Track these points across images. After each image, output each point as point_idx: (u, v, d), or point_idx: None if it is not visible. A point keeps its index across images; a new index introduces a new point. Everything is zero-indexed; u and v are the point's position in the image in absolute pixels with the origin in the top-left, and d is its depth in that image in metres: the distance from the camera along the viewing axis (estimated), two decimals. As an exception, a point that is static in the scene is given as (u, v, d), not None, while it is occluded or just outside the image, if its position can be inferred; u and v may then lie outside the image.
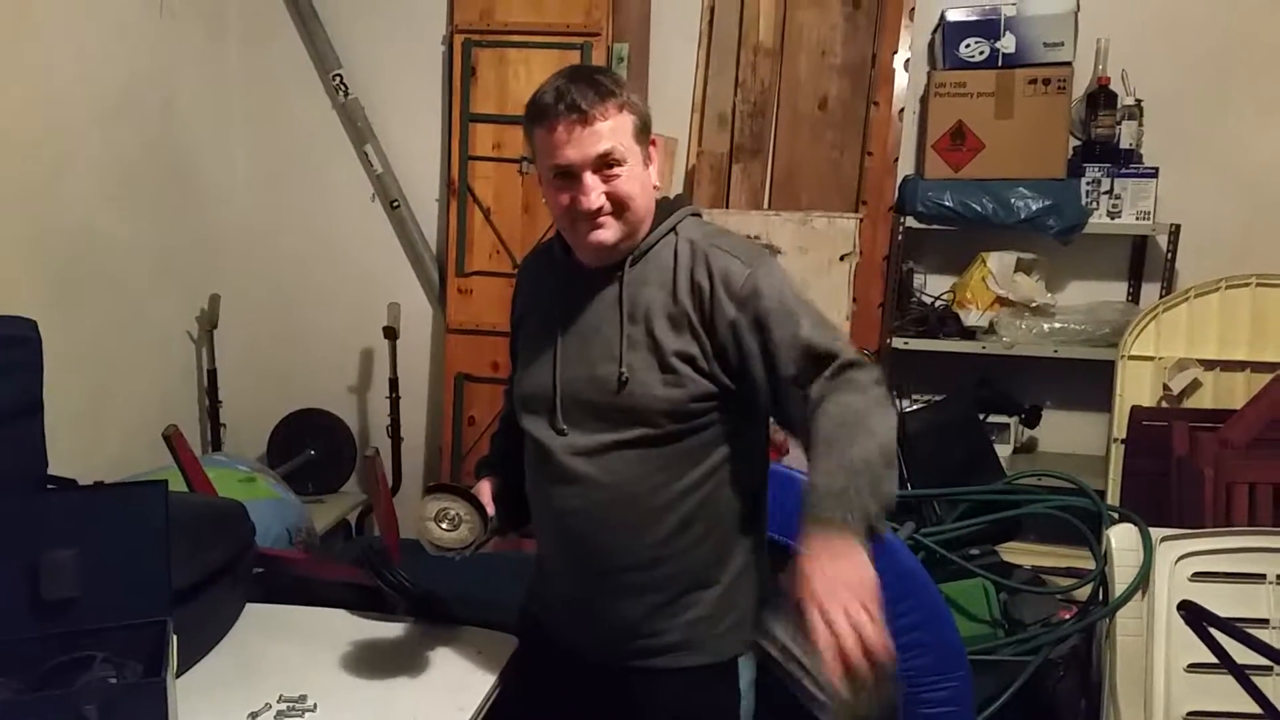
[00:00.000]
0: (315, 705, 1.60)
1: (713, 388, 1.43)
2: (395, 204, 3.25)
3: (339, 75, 3.21)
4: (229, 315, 3.17)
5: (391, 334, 3.13)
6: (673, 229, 1.49)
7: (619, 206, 1.42)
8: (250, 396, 3.32)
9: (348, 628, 1.90)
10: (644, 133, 1.45)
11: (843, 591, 1.10)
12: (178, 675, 1.58)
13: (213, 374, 3.15)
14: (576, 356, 1.49)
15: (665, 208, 1.51)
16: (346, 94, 3.22)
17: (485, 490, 1.63)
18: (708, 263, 1.44)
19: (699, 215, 1.55)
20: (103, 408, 2.72)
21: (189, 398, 3.19)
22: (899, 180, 3.02)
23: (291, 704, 1.60)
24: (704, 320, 1.42)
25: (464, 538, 1.51)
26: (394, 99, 3.26)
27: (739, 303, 1.40)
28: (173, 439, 2.17)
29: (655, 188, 1.49)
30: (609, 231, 1.43)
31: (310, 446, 3.23)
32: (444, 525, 1.51)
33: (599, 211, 1.41)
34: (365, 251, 3.34)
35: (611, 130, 1.40)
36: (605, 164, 1.40)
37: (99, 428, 2.70)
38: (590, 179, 1.40)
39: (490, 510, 1.56)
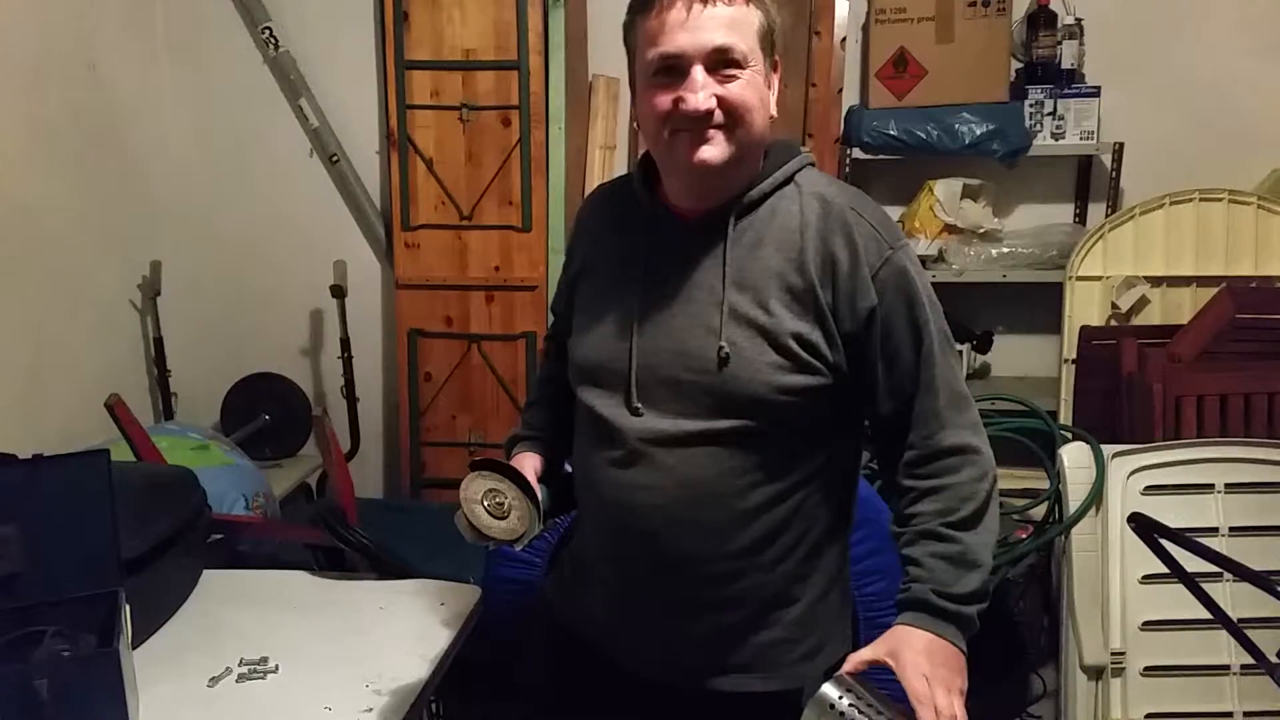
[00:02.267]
0: (277, 666, 1.60)
1: (831, 380, 1.21)
2: (334, 158, 3.17)
3: (268, 28, 3.11)
4: (172, 281, 3.10)
5: (339, 292, 3.08)
6: (791, 179, 1.25)
7: (732, 118, 1.17)
8: (200, 363, 3.26)
9: (308, 589, 1.90)
10: (770, 42, 1.21)
11: (953, 680, 1.14)
12: (135, 645, 1.57)
13: (159, 342, 3.09)
14: (661, 324, 1.25)
15: (779, 152, 1.27)
16: (277, 47, 3.12)
17: (528, 469, 1.38)
18: (848, 232, 1.20)
19: (815, 165, 1.31)
20: (46, 383, 2.66)
21: (137, 368, 3.13)
22: (844, 111, 2.99)
23: (252, 666, 1.60)
24: (835, 302, 1.20)
25: (512, 529, 1.27)
26: (326, 50, 3.16)
27: (876, 288, 1.20)
28: (115, 408, 2.13)
29: (771, 119, 1.24)
30: (716, 148, 1.18)
31: (264, 411, 3.18)
32: (490, 509, 1.27)
33: (707, 118, 1.16)
34: (307, 209, 3.26)
35: (734, 21, 1.16)
36: (722, 61, 1.16)
37: (43, 403, 2.64)
38: (701, 74, 1.16)
39: (540, 495, 1.35)
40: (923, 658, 1.13)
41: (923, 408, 1.23)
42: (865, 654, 1.17)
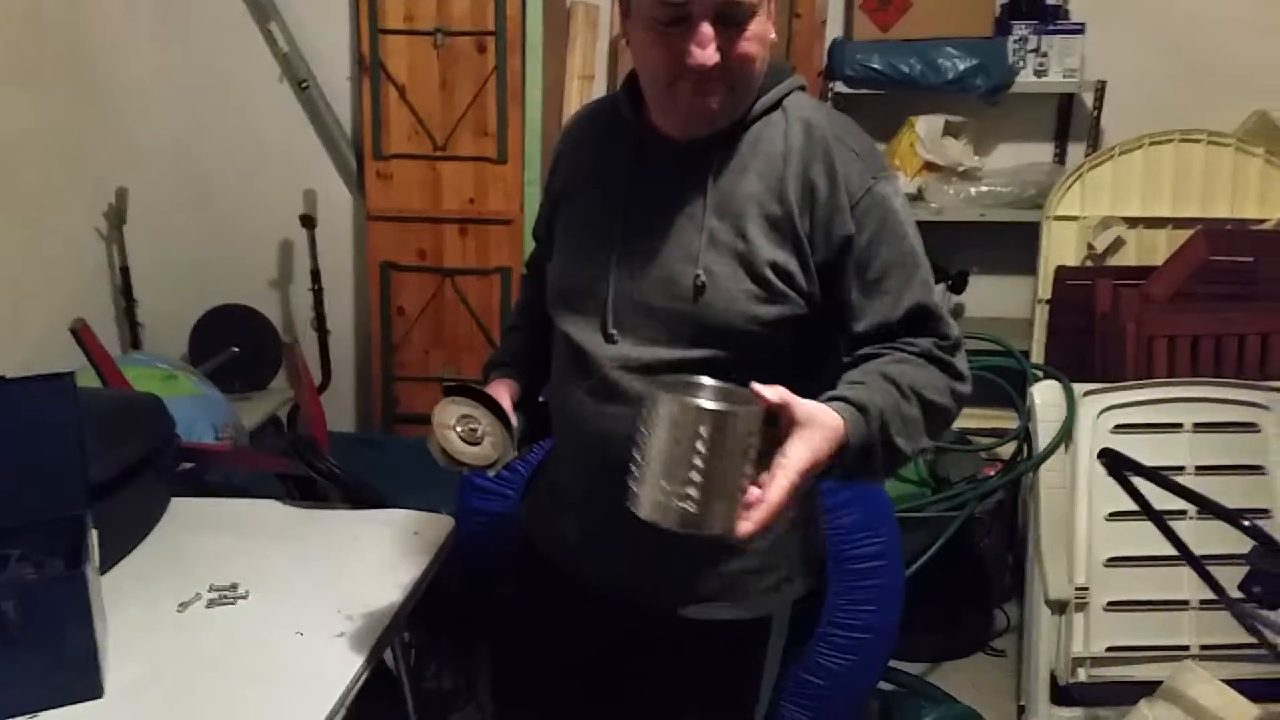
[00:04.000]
0: (247, 593, 1.59)
1: (806, 309, 1.18)
2: (304, 84, 3.09)
3: (236, -52, 3.02)
4: (138, 210, 3.03)
5: (309, 223, 3.02)
6: (779, 104, 1.21)
7: (736, 72, 1.14)
8: (167, 294, 3.20)
9: (279, 517, 1.88)
10: None
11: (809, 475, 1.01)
12: (103, 571, 1.56)
13: (125, 271, 3.03)
14: (641, 249, 1.21)
15: (769, 75, 1.22)
16: (245, -33, 3.03)
17: (504, 395, 1.35)
18: (829, 158, 1.16)
19: (804, 88, 1.26)
20: (9, 312, 2.60)
21: (103, 298, 3.07)
22: (827, 44, 2.95)
23: (222, 593, 1.59)
24: (812, 229, 1.16)
25: (485, 455, 1.26)
26: (296, -30, 3.08)
27: (855, 218, 1.15)
28: (80, 333, 2.09)
29: (773, 43, 1.20)
30: (717, 99, 1.15)
31: (234, 343, 3.13)
32: (463, 435, 1.25)
33: (712, 71, 1.12)
34: (276, 136, 3.19)
35: None
36: (730, 13, 1.11)
37: (6, 333, 2.58)
38: (707, 29, 1.11)
39: (514, 422, 1.32)
40: (825, 448, 1.01)
41: (901, 333, 1.19)
42: (769, 391, 1.00)
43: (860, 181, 1.16)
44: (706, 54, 1.11)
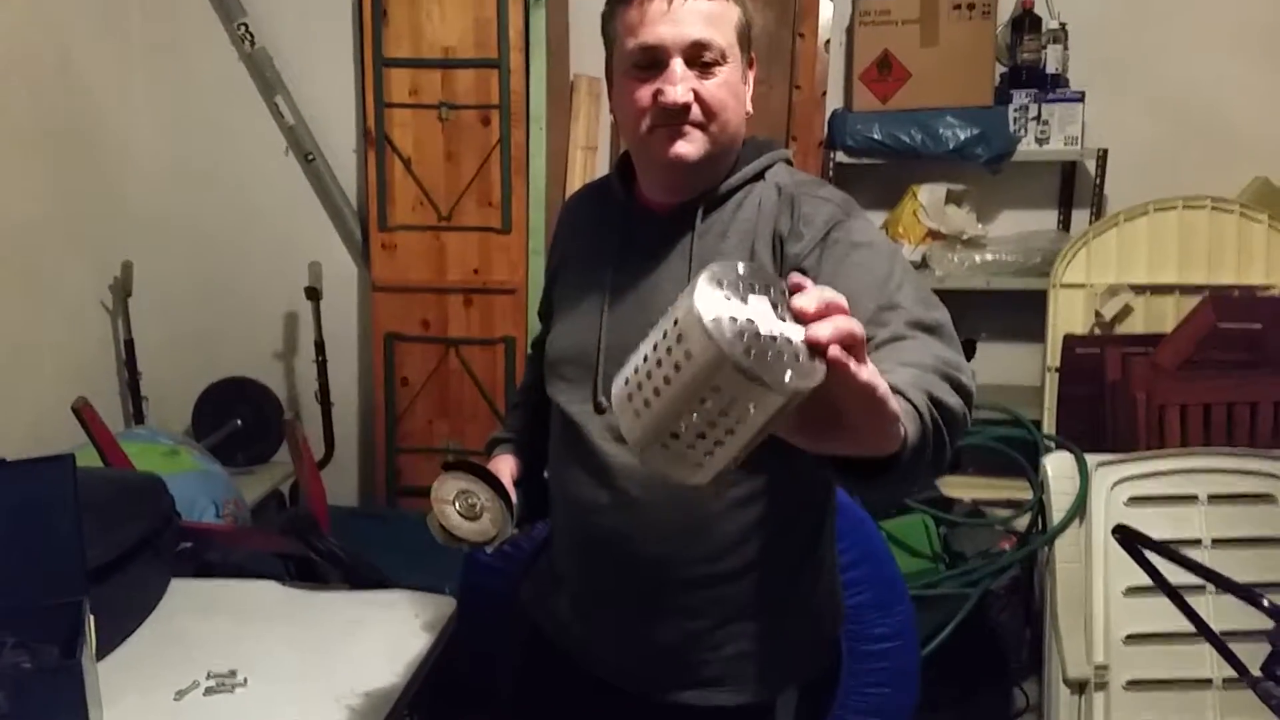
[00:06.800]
0: (245, 679, 1.55)
1: None
2: (310, 157, 3.12)
3: (244, 24, 3.06)
4: (143, 283, 3.04)
5: (314, 295, 3.03)
6: (760, 174, 1.24)
7: (708, 114, 1.17)
8: (171, 367, 3.20)
9: (279, 599, 1.85)
10: (747, 39, 1.21)
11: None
12: (99, 657, 1.53)
13: (130, 345, 3.03)
14: (630, 317, 1.21)
15: (753, 148, 1.26)
16: (253, 43, 3.07)
17: (504, 472, 1.37)
18: (795, 207, 1.18)
19: (791, 163, 1.30)
20: (14, 386, 2.59)
21: (107, 371, 3.07)
22: (828, 114, 2.97)
23: (221, 679, 1.55)
24: (780, 270, 1.15)
25: (484, 530, 1.26)
26: (303, 46, 3.11)
27: (820, 239, 1.14)
28: (82, 411, 2.08)
29: (747, 115, 1.24)
30: (692, 145, 1.17)
31: (237, 416, 3.12)
32: (461, 511, 1.26)
33: (685, 111, 1.15)
34: (282, 209, 3.21)
35: (713, 16, 1.16)
36: (700, 57, 1.16)
37: (11, 408, 2.57)
38: (680, 67, 1.15)
39: (514, 498, 1.33)
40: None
41: (882, 303, 1.08)
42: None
43: (826, 220, 1.16)
44: (678, 91, 1.15)
